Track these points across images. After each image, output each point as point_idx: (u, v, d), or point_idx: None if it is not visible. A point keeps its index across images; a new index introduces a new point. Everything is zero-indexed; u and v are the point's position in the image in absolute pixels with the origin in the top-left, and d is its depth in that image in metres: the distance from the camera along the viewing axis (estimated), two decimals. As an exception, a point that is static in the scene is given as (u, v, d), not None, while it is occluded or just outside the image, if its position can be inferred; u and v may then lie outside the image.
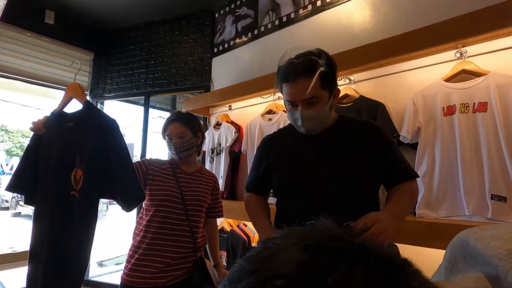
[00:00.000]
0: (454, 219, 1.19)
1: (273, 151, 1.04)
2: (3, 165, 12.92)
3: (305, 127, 0.88)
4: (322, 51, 0.86)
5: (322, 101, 0.86)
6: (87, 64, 3.18)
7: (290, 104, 0.89)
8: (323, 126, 0.93)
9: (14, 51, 2.66)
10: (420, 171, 1.27)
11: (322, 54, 0.85)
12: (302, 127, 0.89)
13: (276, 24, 2.19)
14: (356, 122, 0.99)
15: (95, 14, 2.90)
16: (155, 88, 2.91)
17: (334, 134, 0.94)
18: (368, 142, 0.93)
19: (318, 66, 0.81)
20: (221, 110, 2.34)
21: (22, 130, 16.36)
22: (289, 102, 0.89)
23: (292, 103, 0.88)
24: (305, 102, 0.85)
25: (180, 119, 1.35)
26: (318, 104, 0.85)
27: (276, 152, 1.02)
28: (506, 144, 1.09)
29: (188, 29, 2.82)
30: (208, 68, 2.63)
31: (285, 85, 0.87)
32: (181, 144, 1.31)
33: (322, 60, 0.82)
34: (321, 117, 0.88)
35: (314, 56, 0.84)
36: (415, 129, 1.30)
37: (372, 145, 0.92)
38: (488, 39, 1.16)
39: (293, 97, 0.86)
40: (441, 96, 1.25)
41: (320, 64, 0.81)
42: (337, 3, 1.85)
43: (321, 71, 0.80)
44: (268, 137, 1.10)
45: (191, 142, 1.34)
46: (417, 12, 1.50)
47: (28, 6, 2.67)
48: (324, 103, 0.86)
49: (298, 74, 0.82)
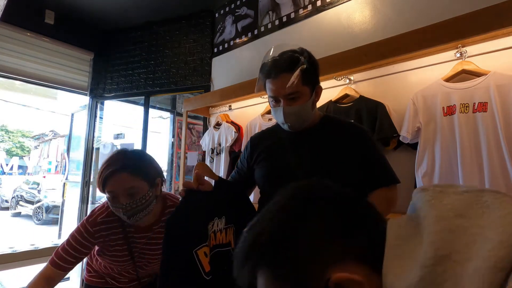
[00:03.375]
0: (454, 219, 1.19)
1: (258, 149, 1.05)
2: (3, 165, 12.92)
3: (287, 122, 0.91)
4: (304, 50, 0.90)
5: (303, 97, 0.88)
6: (87, 64, 3.18)
7: (273, 100, 0.91)
8: (305, 123, 0.94)
9: (14, 51, 2.66)
10: (420, 171, 1.27)
11: (304, 52, 0.89)
12: (285, 123, 0.91)
13: (276, 24, 2.19)
14: (340, 123, 1.00)
15: (95, 14, 2.90)
16: (155, 88, 2.91)
17: (316, 134, 0.95)
18: (349, 145, 0.92)
19: (299, 63, 0.84)
20: (221, 110, 2.34)
21: (22, 130, 16.37)
22: (272, 98, 0.91)
23: (275, 99, 0.90)
24: (287, 98, 0.88)
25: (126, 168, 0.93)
26: (299, 100, 0.88)
27: (261, 149, 1.04)
28: (506, 144, 1.09)
29: (188, 29, 2.82)
30: (208, 68, 2.63)
31: (268, 81, 0.90)
32: (133, 205, 0.92)
33: (303, 58, 0.85)
34: (303, 113, 0.90)
35: (296, 54, 0.88)
36: (415, 129, 1.30)
37: (353, 148, 0.92)
38: (488, 39, 1.16)
39: (275, 92, 0.89)
40: (441, 96, 1.25)
41: (301, 61, 0.84)
42: (337, 3, 1.85)
43: (302, 68, 0.84)
44: (255, 135, 1.12)
45: (149, 197, 0.96)
46: (417, 12, 1.50)
47: (28, 6, 2.67)
48: (305, 99, 0.89)
49: (280, 70, 0.85)
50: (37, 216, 7.41)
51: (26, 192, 8.30)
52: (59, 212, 4.04)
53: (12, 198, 8.80)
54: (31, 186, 8.38)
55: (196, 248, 0.88)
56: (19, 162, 13.78)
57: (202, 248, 0.90)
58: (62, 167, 10.52)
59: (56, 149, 12.41)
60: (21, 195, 8.40)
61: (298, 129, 0.94)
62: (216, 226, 0.93)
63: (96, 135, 3.21)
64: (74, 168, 3.42)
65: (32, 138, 15.93)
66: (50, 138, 13.58)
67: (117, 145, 3.27)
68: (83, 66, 3.16)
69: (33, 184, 8.42)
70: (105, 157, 1.00)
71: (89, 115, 3.18)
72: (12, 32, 2.60)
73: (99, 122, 3.27)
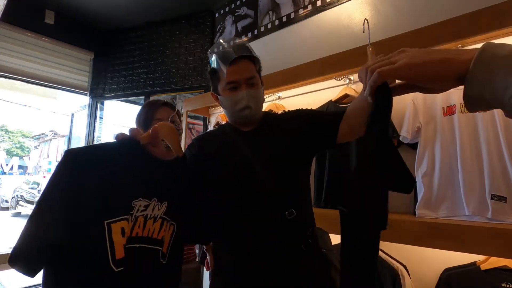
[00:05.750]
0: (454, 219, 1.19)
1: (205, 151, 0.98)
2: (3, 165, 12.93)
3: (250, 107, 0.90)
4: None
5: (258, 85, 0.92)
6: (87, 64, 3.18)
7: (232, 87, 0.90)
8: (258, 113, 0.95)
9: (14, 51, 2.66)
10: (420, 171, 1.27)
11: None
12: (246, 108, 0.90)
13: (276, 24, 2.19)
14: (278, 115, 1.06)
15: (95, 14, 2.90)
16: (155, 88, 2.91)
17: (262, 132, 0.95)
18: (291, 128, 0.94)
19: (252, 51, 0.91)
20: (221, 110, 2.33)
21: (22, 130, 16.37)
22: (231, 84, 0.90)
23: (235, 83, 0.89)
24: (248, 82, 0.90)
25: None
26: (256, 86, 0.91)
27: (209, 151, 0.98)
28: (506, 144, 1.09)
29: (188, 29, 2.82)
30: (208, 68, 2.62)
31: (228, 68, 0.89)
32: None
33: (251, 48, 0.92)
34: (260, 99, 0.94)
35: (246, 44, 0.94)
36: (415, 129, 1.30)
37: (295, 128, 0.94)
38: (488, 39, 1.16)
39: (238, 76, 0.89)
40: (441, 96, 1.25)
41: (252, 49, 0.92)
42: (337, 3, 1.85)
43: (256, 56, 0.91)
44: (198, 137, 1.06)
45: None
46: (417, 12, 1.50)
47: (28, 6, 2.67)
48: (259, 87, 0.93)
49: (241, 56, 0.88)
50: (37, 216, 7.40)
51: (26, 192, 8.31)
52: (59, 212, 4.02)
53: (12, 198, 8.80)
54: (31, 186, 8.38)
55: (109, 219, 0.63)
56: (19, 162, 13.79)
57: (121, 221, 0.64)
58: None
59: (56, 149, 12.41)
60: (21, 195, 8.40)
61: (254, 117, 0.94)
62: (151, 209, 0.71)
63: (96, 135, 3.21)
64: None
65: (32, 138, 15.93)
66: (50, 138, 13.57)
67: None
68: (83, 66, 3.16)
69: (33, 184, 8.42)
70: None
71: (89, 115, 3.18)
72: (12, 32, 2.61)
73: (99, 122, 3.27)
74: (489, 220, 1.10)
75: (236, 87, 0.90)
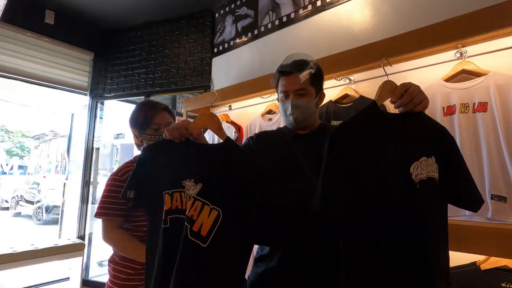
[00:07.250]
0: (454, 219, 1.19)
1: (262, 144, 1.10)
2: (3, 165, 12.93)
3: (293, 113, 1.00)
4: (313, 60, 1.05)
5: (310, 95, 1.01)
6: (87, 64, 3.19)
7: (283, 95, 1.04)
8: (307, 121, 1.04)
9: (14, 51, 2.67)
10: (420, 171, 1.27)
11: (313, 60, 1.05)
12: (291, 115, 1.01)
13: (276, 24, 2.19)
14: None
15: (95, 14, 2.90)
16: (155, 88, 2.91)
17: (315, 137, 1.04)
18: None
19: (309, 66, 1.00)
20: (221, 110, 2.34)
21: (22, 130, 16.37)
22: (283, 93, 1.04)
23: (285, 93, 1.03)
24: (296, 93, 1.00)
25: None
26: (306, 97, 1.01)
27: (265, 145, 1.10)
28: (506, 144, 1.09)
29: (188, 29, 2.82)
30: (208, 68, 2.63)
31: (282, 78, 1.04)
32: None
33: (313, 63, 1.02)
34: (307, 108, 1.02)
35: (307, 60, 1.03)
36: (415, 129, 1.30)
37: None
38: (488, 39, 1.16)
39: (287, 87, 1.02)
40: (441, 96, 1.25)
41: (311, 65, 1.01)
42: (337, 3, 1.85)
43: (311, 71, 0.99)
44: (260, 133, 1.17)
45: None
46: (417, 12, 1.50)
47: (28, 6, 2.67)
48: (311, 98, 1.02)
49: (293, 69, 1.00)
50: (37, 216, 7.40)
51: (26, 192, 8.30)
52: (59, 212, 4.04)
53: (12, 198, 8.80)
54: (31, 186, 8.37)
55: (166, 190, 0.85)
56: (19, 162, 13.80)
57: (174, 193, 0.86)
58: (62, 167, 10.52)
59: (56, 149, 12.41)
60: (21, 195, 8.40)
61: (300, 124, 1.03)
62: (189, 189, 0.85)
63: (96, 135, 3.21)
64: (75, 168, 3.42)
65: (32, 138, 15.93)
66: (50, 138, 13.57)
67: (117, 145, 3.28)
68: (83, 66, 3.16)
69: (33, 184, 8.41)
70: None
71: (89, 115, 3.18)
72: (12, 32, 2.61)
73: (99, 122, 3.27)
74: (489, 220, 1.10)
75: (286, 96, 1.03)
